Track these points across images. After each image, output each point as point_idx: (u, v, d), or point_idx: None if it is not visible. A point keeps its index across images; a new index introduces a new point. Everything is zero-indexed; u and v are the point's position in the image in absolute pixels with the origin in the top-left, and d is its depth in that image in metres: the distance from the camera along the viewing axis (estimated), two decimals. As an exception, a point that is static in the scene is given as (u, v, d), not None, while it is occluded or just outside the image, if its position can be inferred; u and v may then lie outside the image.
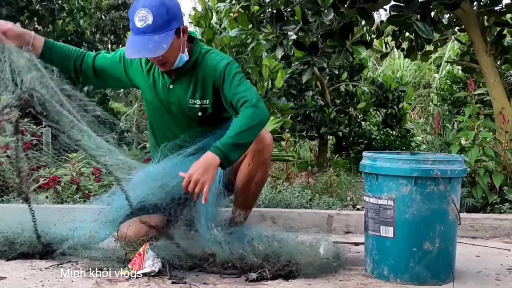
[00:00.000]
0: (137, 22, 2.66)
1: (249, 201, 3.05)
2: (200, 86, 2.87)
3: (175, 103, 2.91)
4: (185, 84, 2.88)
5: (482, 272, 2.82)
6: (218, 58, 2.87)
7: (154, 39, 2.64)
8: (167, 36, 2.67)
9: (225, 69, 2.81)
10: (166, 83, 2.89)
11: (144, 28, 2.65)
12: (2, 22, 2.82)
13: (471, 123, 4.31)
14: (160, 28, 2.66)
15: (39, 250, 2.84)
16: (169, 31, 2.68)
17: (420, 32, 4.22)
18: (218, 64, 2.83)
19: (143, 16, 2.65)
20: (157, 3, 2.66)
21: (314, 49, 4.72)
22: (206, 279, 2.55)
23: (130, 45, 2.72)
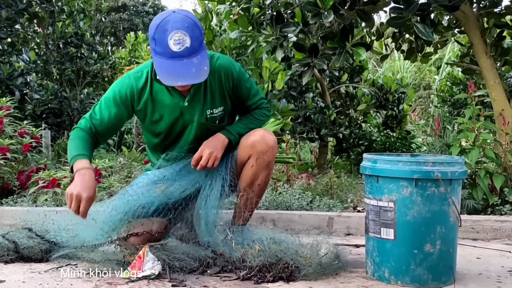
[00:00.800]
0: (172, 45, 2.52)
1: (251, 203, 3.04)
2: (217, 94, 2.87)
3: (191, 118, 2.87)
4: (201, 96, 2.84)
5: (483, 274, 2.81)
6: (227, 63, 2.89)
7: (194, 62, 2.55)
8: (203, 56, 2.60)
9: (238, 74, 2.89)
10: (179, 102, 2.82)
11: (182, 51, 2.53)
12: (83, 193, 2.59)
13: (471, 125, 4.30)
14: (197, 49, 2.57)
15: (38, 253, 2.83)
16: (203, 51, 2.62)
17: (420, 34, 4.21)
18: (230, 69, 2.87)
19: (179, 39, 2.52)
20: (190, 24, 2.57)
21: (314, 51, 4.72)
22: (206, 281, 2.54)
23: (167, 71, 2.57)
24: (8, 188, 4.40)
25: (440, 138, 5.31)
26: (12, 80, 7.07)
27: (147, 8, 21.37)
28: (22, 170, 4.56)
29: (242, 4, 4.80)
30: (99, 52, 8.85)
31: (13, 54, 7.47)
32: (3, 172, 4.40)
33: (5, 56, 7.30)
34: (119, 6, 20.68)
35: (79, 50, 8.45)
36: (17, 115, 5.21)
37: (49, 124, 8.39)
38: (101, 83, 9.12)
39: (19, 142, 4.65)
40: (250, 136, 2.94)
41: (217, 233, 2.89)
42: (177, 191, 2.80)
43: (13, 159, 4.52)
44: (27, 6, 7.41)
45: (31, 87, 7.55)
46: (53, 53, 8.36)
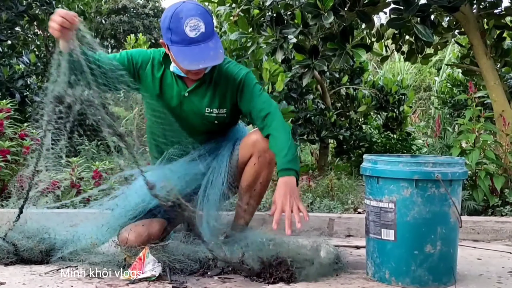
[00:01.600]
0: (189, 32, 2.61)
1: (253, 202, 3.05)
2: (218, 95, 2.88)
3: (189, 110, 2.90)
4: (202, 93, 2.88)
5: (483, 275, 2.81)
6: (236, 68, 2.90)
7: (210, 46, 2.64)
8: (217, 40, 2.69)
9: (245, 79, 2.87)
10: (180, 91, 2.88)
11: (198, 36, 2.62)
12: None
13: (471, 126, 4.30)
14: (211, 34, 2.66)
15: (38, 255, 2.83)
16: (216, 36, 2.70)
17: (420, 35, 4.22)
18: (237, 74, 2.87)
19: (194, 25, 2.62)
20: (203, 11, 2.67)
21: (314, 53, 4.72)
22: (207, 283, 2.54)
23: (187, 56, 2.64)
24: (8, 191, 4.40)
25: (441, 139, 5.31)
26: (12, 82, 7.07)
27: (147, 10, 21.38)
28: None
29: (242, 6, 4.81)
30: (100, 54, 8.83)
31: (13, 56, 7.47)
32: (3, 174, 4.39)
33: (5, 58, 7.30)
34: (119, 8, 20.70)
35: (80, 52, 8.43)
36: (18, 118, 5.21)
37: (50, 127, 8.37)
38: (102, 85, 9.10)
39: (19, 144, 4.65)
40: (251, 134, 2.94)
41: (218, 234, 2.90)
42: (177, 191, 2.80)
43: (14, 161, 4.52)
44: (27, 8, 7.41)
45: (32, 90, 7.55)
46: (53, 55, 8.35)
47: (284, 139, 2.79)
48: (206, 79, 2.86)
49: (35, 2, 7.81)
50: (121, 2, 20.43)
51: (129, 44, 9.85)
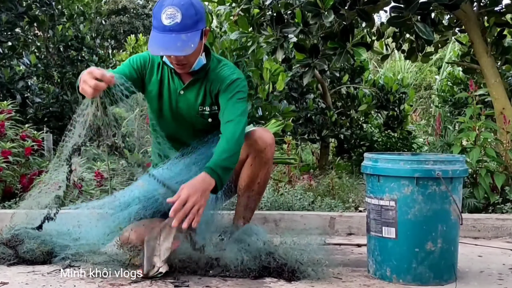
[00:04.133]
0: (164, 19, 2.61)
1: (252, 202, 3.05)
2: (209, 94, 2.88)
3: (184, 108, 2.90)
4: (196, 91, 2.88)
5: (484, 272, 2.81)
6: (229, 71, 2.88)
7: (182, 38, 2.61)
8: (194, 36, 2.65)
9: (232, 83, 2.83)
10: (177, 89, 2.88)
11: (172, 26, 2.61)
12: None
13: (472, 124, 4.31)
14: (188, 27, 2.63)
15: (40, 256, 2.84)
16: (196, 31, 2.66)
17: (421, 33, 4.22)
18: (227, 77, 2.85)
19: (171, 14, 2.61)
20: (186, 3, 2.64)
21: (314, 52, 4.73)
22: (209, 282, 2.55)
23: (155, 42, 2.65)
24: (10, 192, 4.41)
25: (441, 137, 5.32)
26: (13, 83, 7.08)
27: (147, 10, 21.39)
28: (24, 174, 4.56)
29: (242, 5, 4.81)
30: (100, 55, 8.85)
31: (13, 57, 7.47)
32: (5, 175, 4.40)
33: (5, 59, 7.31)
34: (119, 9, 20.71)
35: (80, 53, 8.46)
36: (19, 119, 5.21)
37: (51, 128, 8.38)
38: (102, 86, 9.10)
39: (21, 145, 4.65)
40: (248, 135, 2.94)
41: (217, 235, 2.91)
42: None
43: (15, 162, 4.53)
44: (27, 10, 7.42)
45: (32, 91, 7.56)
46: (53, 56, 8.37)
47: (231, 148, 2.67)
48: (200, 77, 2.87)
49: (35, 3, 7.82)
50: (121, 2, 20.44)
51: (129, 44, 9.89)
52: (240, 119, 2.75)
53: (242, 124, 2.75)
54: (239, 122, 2.74)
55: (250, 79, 5.48)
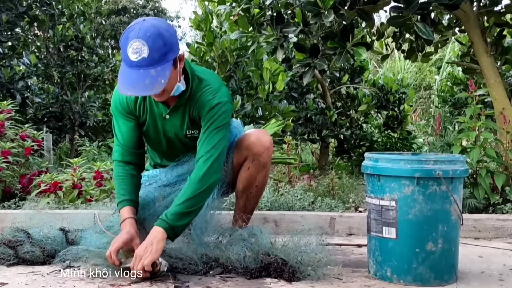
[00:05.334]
0: (130, 54, 2.43)
1: (250, 204, 3.05)
2: (193, 119, 2.76)
3: (172, 131, 2.80)
4: (180, 116, 2.75)
5: (485, 273, 2.81)
6: (211, 95, 2.70)
7: (151, 74, 2.43)
8: (164, 69, 2.46)
9: (211, 110, 2.68)
10: (162, 113, 2.76)
11: (139, 61, 2.42)
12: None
13: (472, 124, 4.31)
14: (156, 61, 2.44)
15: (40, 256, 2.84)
16: (166, 64, 2.47)
17: (421, 33, 4.22)
18: (207, 103, 2.69)
19: (137, 48, 2.42)
20: (152, 34, 2.43)
21: (314, 51, 4.72)
22: (209, 282, 2.54)
23: (124, 79, 2.48)
24: (10, 192, 4.41)
25: (441, 137, 5.31)
26: (13, 83, 7.09)
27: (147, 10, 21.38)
28: (24, 174, 4.57)
29: (242, 5, 4.81)
30: (100, 55, 8.85)
31: (13, 57, 7.48)
32: (5, 175, 4.40)
33: (5, 59, 7.31)
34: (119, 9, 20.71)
35: (80, 53, 8.46)
36: (19, 119, 5.22)
37: (50, 128, 8.40)
38: (102, 86, 9.13)
39: (20, 145, 4.66)
40: (245, 137, 2.93)
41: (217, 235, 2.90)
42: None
43: (15, 162, 4.53)
44: (27, 10, 7.43)
45: (32, 91, 7.57)
46: (53, 56, 8.37)
47: (190, 191, 2.60)
48: (182, 103, 2.72)
49: (35, 3, 7.83)
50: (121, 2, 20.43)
51: (129, 44, 9.86)
52: (213, 152, 2.64)
53: (212, 159, 2.63)
54: (209, 158, 2.63)
55: (250, 79, 5.48)
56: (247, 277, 2.60)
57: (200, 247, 2.77)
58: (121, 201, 2.68)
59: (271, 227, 3.76)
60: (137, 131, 2.81)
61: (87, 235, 2.86)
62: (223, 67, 5.43)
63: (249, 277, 2.60)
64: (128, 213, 2.64)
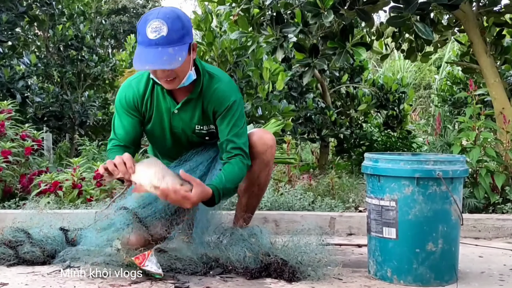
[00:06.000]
0: (149, 33, 2.49)
1: (252, 203, 3.05)
2: (206, 114, 2.80)
3: (179, 127, 2.83)
4: (191, 110, 2.79)
5: (485, 273, 2.81)
6: (226, 91, 2.78)
7: (169, 52, 2.49)
8: (181, 49, 2.53)
9: (231, 107, 2.76)
10: (169, 108, 2.79)
11: (158, 39, 2.48)
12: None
13: (472, 124, 4.31)
14: (174, 41, 2.51)
15: (40, 256, 2.84)
16: (183, 45, 2.54)
17: (420, 33, 4.22)
18: (225, 99, 2.76)
19: (156, 27, 2.49)
20: (172, 16, 2.52)
21: (314, 51, 4.73)
22: (209, 282, 2.55)
23: (140, 56, 2.53)
24: (10, 191, 4.41)
25: (441, 137, 5.31)
26: (13, 83, 7.09)
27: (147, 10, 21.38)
28: (24, 173, 4.56)
29: (242, 5, 4.81)
30: (100, 54, 8.86)
31: (13, 57, 7.48)
32: (5, 175, 4.40)
33: (6, 59, 7.31)
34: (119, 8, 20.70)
35: (80, 53, 8.47)
36: (19, 118, 5.21)
37: (50, 127, 8.40)
38: (102, 85, 9.13)
39: (20, 145, 4.65)
40: (248, 137, 2.93)
41: (218, 235, 2.91)
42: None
43: (15, 162, 4.53)
44: (27, 9, 7.43)
45: (32, 90, 7.56)
46: (53, 56, 8.38)
47: (236, 176, 2.75)
48: (194, 96, 2.76)
49: (35, 3, 7.84)
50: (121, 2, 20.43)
51: (129, 44, 9.88)
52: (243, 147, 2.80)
53: (245, 152, 2.81)
54: (243, 151, 2.79)
55: (250, 79, 5.48)
56: (247, 277, 2.60)
57: (200, 247, 2.77)
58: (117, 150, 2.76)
59: (271, 227, 3.76)
60: (138, 129, 2.84)
61: (87, 234, 2.86)
62: (223, 66, 5.43)
63: (249, 277, 2.60)
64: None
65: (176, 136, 2.87)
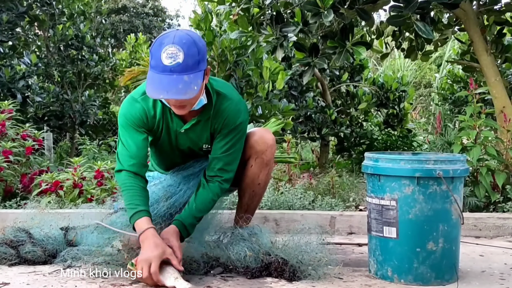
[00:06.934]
0: (164, 59, 2.40)
1: (253, 202, 3.05)
2: (213, 133, 2.78)
3: (185, 145, 2.82)
4: (199, 131, 2.76)
5: (486, 272, 2.81)
6: (235, 112, 2.73)
7: (184, 79, 2.39)
8: (196, 77, 2.44)
9: (235, 128, 2.73)
10: (176, 128, 2.75)
11: (173, 66, 2.39)
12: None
13: (472, 123, 4.31)
14: (190, 68, 2.42)
15: (42, 256, 2.84)
16: (198, 72, 2.46)
17: (420, 32, 4.21)
18: (232, 120, 2.72)
19: (172, 53, 2.39)
20: (188, 41, 2.43)
21: (314, 51, 4.72)
22: (209, 282, 2.55)
23: (154, 83, 2.42)
24: (11, 191, 4.41)
25: (441, 136, 5.32)
26: (13, 83, 7.10)
27: (147, 9, 21.38)
28: (25, 173, 4.57)
29: (241, 5, 4.80)
30: (100, 54, 8.87)
31: (14, 57, 7.49)
32: (6, 175, 4.41)
33: (6, 59, 7.32)
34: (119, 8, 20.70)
35: (80, 53, 8.48)
36: (19, 118, 5.22)
37: (51, 127, 8.41)
38: (102, 85, 9.15)
39: (21, 144, 4.66)
40: (249, 136, 2.93)
41: (218, 235, 2.91)
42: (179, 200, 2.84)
43: (16, 161, 4.53)
44: (27, 9, 7.44)
45: (33, 90, 7.58)
46: (54, 55, 8.39)
47: (207, 206, 2.75)
48: (203, 118, 2.73)
49: (35, 3, 7.84)
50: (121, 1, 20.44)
51: (129, 43, 9.89)
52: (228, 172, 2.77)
53: (226, 183, 2.79)
54: (224, 181, 2.76)
55: (250, 78, 5.49)
56: (248, 276, 2.61)
57: (200, 246, 2.78)
58: (138, 211, 2.58)
59: (271, 227, 3.76)
60: (147, 145, 2.80)
61: (88, 233, 2.87)
62: (222, 66, 5.43)
63: (250, 276, 2.61)
64: (148, 223, 2.56)
65: (182, 151, 2.88)
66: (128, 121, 2.70)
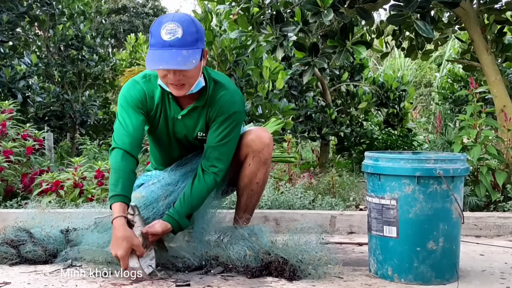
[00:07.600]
0: (164, 35, 2.49)
1: (252, 201, 3.06)
2: (208, 122, 2.80)
3: (181, 132, 2.84)
4: (195, 118, 2.79)
5: (486, 271, 2.81)
6: (230, 101, 2.76)
7: (183, 53, 2.49)
8: (195, 53, 2.53)
9: (230, 117, 2.75)
10: (174, 115, 2.78)
11: (172, 41, 2.49)
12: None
13: (473, 122, 4.31)
14: (188, 44, 2.51)
15: (42, 255, 2.85)
16: (197, 49, 2.55)
17: (420, 31, 4.21)
18: (227, 108, 2.75)
19: (171, 29, 2.49)
20: (187, 20, 2.54)
21: (314, 50, 4.72)
22: (210, 281, 2.55)
23: (154, 57, 2.52)
24: (12, 191, 4.42)
25: (442, 135, 5.32)
26: (14, 83, 7.10)
27: (147, 9, 21.38)
28: (26, 173, 4.58)
29: (241, 4, 4.80)
30: (100, 54, 8.87)
31: (14, 57, 7.50)
32: (6, 175, 4.41)
33: (7, 59, 7.32)
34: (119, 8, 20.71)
35: (80, 53, 8.48)
36: (20, 118, 5.23)
37: (52, 127, 8.42)
38: (102, 85, 9.15)
39: (22, 144, 4.67)
40: (246, 135, 2.93)
41: (218, 234, 2.91)
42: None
43: (17, 161, 4.54)
44: (27, 9, 7.44)
45: (33, 90, 7.58)
46: (54, 55, 8.39)
47: (202, 195, 2.76)
48: (200, 103, 2.76)
49: (35, 3, 7.85)
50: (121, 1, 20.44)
51: (129, 43, 9.90)
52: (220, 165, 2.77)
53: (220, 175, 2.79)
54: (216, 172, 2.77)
55: (250, 78, 5.49)
56: (248, 276, 2.61)
57: (201, 246, 2.79)
58: (116, 195, 2.62)
59: (271, 226, 3.76)
60: (144, 127, 2.81)
61: (88, 233, 2.87)
62: (222, 65, 5.44)
63: (250, 276, 2.61)
64: (120, 211, 2.59)
65: (179, 140, 2.89)
66: (128, 101, 2.76)
